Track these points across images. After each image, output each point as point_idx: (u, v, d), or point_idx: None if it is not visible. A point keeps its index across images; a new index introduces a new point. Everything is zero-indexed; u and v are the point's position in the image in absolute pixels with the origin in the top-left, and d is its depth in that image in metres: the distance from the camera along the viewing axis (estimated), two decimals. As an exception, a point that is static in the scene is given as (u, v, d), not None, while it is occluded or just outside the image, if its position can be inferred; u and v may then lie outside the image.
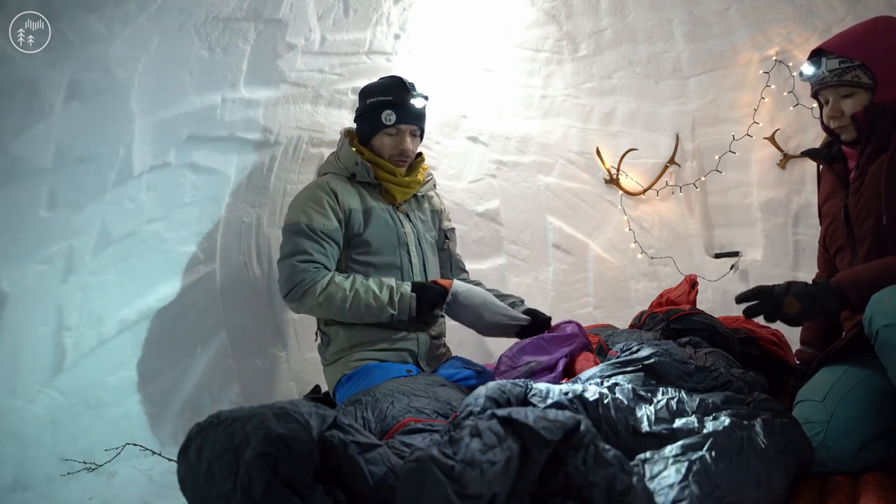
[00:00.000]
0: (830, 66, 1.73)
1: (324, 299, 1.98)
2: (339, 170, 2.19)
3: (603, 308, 3.43)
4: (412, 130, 2.19)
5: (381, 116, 2.13)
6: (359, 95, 2.25)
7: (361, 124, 2.22)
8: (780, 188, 3.33)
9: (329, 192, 2.09)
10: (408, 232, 2.19)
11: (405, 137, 2.17)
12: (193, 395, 2.32)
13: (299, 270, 2.00)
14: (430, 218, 2.32)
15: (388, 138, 2.16)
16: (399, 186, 2.20)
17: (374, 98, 2.16)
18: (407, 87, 2.16)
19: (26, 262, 1.93)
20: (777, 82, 3.27)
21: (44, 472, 1.94)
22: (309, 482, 1.05)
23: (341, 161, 2.19)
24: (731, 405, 1.43)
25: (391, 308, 2.00)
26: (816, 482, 1.38)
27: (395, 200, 2.21)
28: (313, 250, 2.02)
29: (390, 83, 2.19)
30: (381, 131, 2.16)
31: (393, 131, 2.15)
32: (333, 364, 2.11)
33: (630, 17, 3.37)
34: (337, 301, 1.98)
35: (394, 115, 2.13)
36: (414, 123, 2.18)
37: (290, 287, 2.01)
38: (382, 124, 2.14)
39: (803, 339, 2.09)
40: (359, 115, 2.23)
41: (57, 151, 1.94)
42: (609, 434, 1.28)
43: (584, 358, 2.05)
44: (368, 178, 2.16)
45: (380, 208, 2.16)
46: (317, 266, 2.02)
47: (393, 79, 2.22)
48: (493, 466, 0.94)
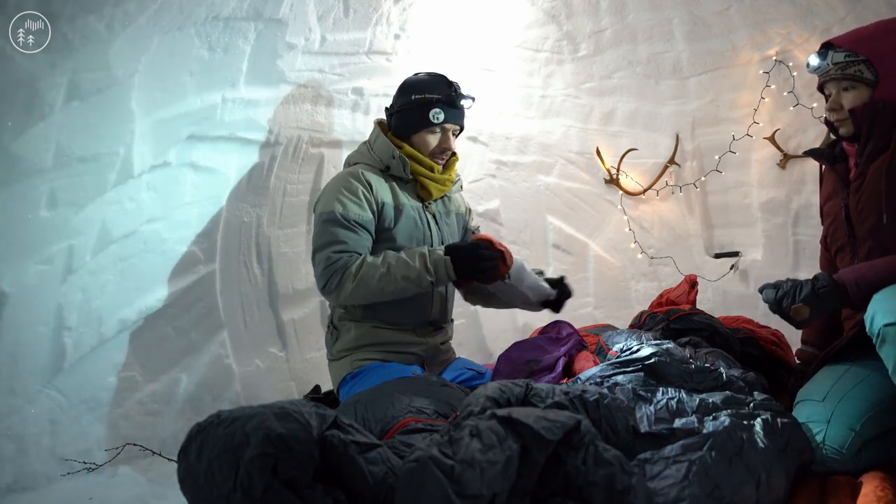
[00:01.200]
0: (836, 59, 1.74)
1: (359, 282, 1.92)
2: (373, 161, 2.14)
3: (603, 308, 3.43)
4: (454, 130, 2.17)
5: (428, 114, 2.09)
6: (400, 90, 2.19)
7: (402, 119, 2.15)
8: (780, 188, 3.33)
9: (364, 183, 2.05)
10: (433, 234, 2.16)
11: (449, 136, 2.14)
12: (193, 395, 2.32)
13: (334, 261, 1.94)
14: (455, 221, 2.28)
15: (433, 136, 2.13)
16: (435, 183, 2.16)
17: (422, 95, 2.11)
18: (454, 86, 2.14)
19: (26, 262, 1.93)
20: (777, 82, 3.27)
21: (44, 472, 1.94)
22: (309, 482, 1.05)
23: (375, 153, 2.14)
24: (731, 405, 1.43)
25: (428, 275, 1.93)
26: (816, 482, 1.38)
27: (430, 196, 2.17)
28: (349, 239, 1.97)
29: (437, 81, 2.15)
30: (425, 129, 2.12)
31: (438, 130, 2.12)
32: (339, 360, 2.09)
33: (630, 17, 3.37)
34: (374, 281, 1.91)
35: (443, 114, 2.09)
36: (459, 123, 2.17)
37: (327, 279, 1.95)
38: (430, 122, 2.10)
39: (803, 338, 2.09)
40: (399, 110, 2.16)
41: (57, 151, 1.94)
42: (609, 434, 1.28)
43: (583, 358, 2.05)
44: (403, 174, 2.12)
45: (410, 206, 2.12)
46: (350, 254, 1.97)
47: (439, 76, 2.18)
48: (493, 466, 0.94)
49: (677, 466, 1.14)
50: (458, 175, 2.32)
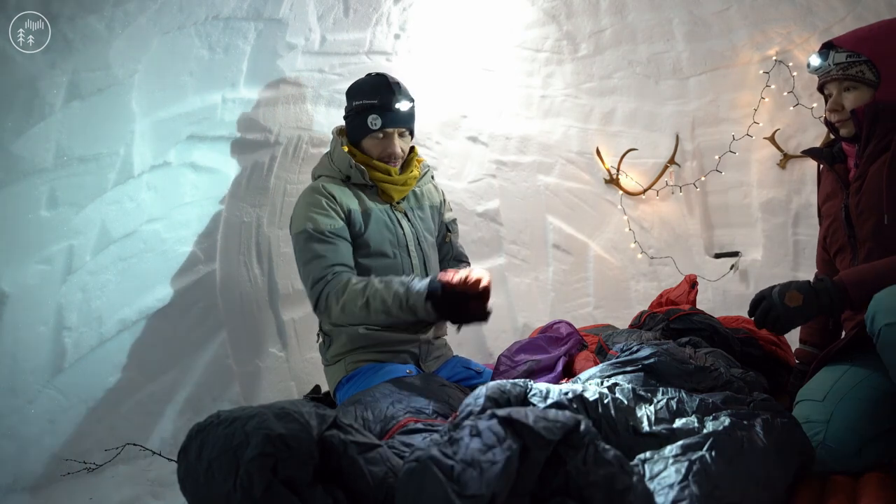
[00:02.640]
0: (837, 59, 1.73)
1: (343, 307, 1.93)
2: (334, 172, 2.14)
3: (603, 308, 3.43)
4: (400, 132, 2.14)
5: (366, 121, 2.08)
6: (346, 95, 2.19)
7: (350, 126, 2.17)
8: (780, 188, 3.33)
9: (326, 195, 2.06)
10: (406, 232, 2.15)
11: (393, 140, 2.11)
12: (193, 395, 2.32)
13: (317, 280, 1.96)
14: (430, 215, 2.27)
15: (376, 141, 2.11)
16: (395, 185, 2.15)
17: (360, 101, 2.11)
18: (392, 89, 2.09)
19: (26, 262, 1.93)
20: (777, 82, 3.27)
21: (44, 472, 1.94)
22: (309, 482, 1.05)
23: (335, 164, 2.15)
24: (731, 405, 1.43)
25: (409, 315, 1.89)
26: (816, 482, 1.38)
27: (393, 200, 2.17)
28: (327, 252, 1.98)
29: (376, 84, 2.12)
30: (368, 135, 2.11)
31: (380, 135, 2.10)
32: (334, 365, 2.10)
33: (630, 17, 3.37)
34: (356, 310, 1.91)
35: (379, 120, 2.07)
36: (401, 126, 2.13)
37: (315, 300, 1.98)
38: (369, 128, 2.09)
39: (803, 338, 2.09)
40: (346, 116, 2.18)
41: (57, 151, 1.94)
42: (609, 434, 1.28)
43: (583, 357, 2.05)
44: (363, 181, 2.12)
45: (378, 209, 2.12)
46: (335, 271, 1.97)
47: (378, 79, 2.14)
48: (492, 466, 0.94)
49: (677, 466, 1.14)
50: (426, 166, 2.31)
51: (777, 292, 1.63)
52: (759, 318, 1.66)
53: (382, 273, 2.06)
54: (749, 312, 1.72)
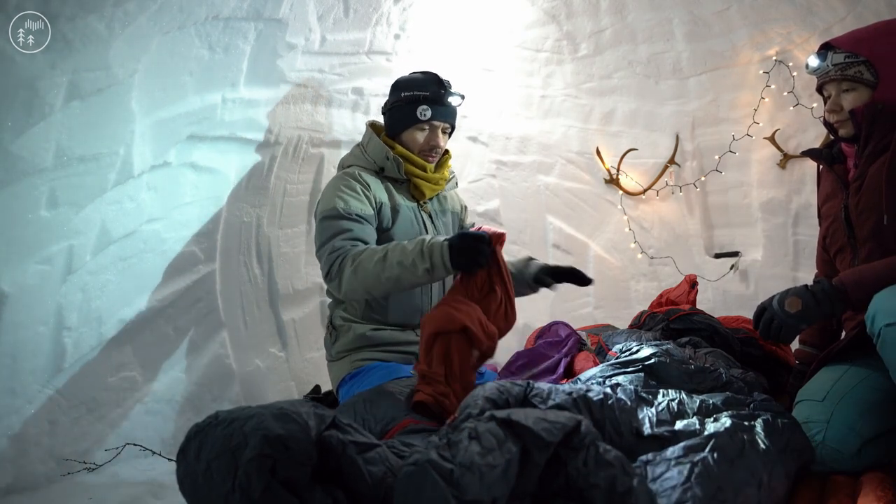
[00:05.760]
0: (836, 60, 1.73)
1: (357, 265, 1.86)
2: (367, 163, 2.14)
3: (603, 308, 3.43)
4: (444, 128, 2.16)
5: (416, 111, 2.09)
6: (392, 88, 2.20)
7: (392, 116, 2.17)
8: (780, 188, 3.33)
9: (363, 182, 2.05)
10: (430, 233, 2.15)
11: (438, 133, 2.14)
12: (193, 395, 2.32)
13: (337, 248, 1.92)
14: (452, 220, 2.28)
15: (421, 133, 2.13)
16: (428, 182, 2.16)
17: (410, 92, 2.12)
18: (444, 84, 2.13)
19: (26, 262, 1.93)
20: (777, 82, 3.26)
21: (44, 472, 1.94)
22: (308, 482, 1.05)
23: (369, 154, 2.14)
24: (732, 406, 1.43)
25: (422, 260, 1.79)
26: (816, 482, 1.38)
27: (424, 197, 2.17)
28: (353, 228, 1.96)
29: (427, 78, 2.16)
30: (413, 126, 2.12)
31: (426, 127, 2.12)
32: (338, 361, 2.09)
33: (630, 17, 3.37)
34: (371, 265, 1.83)
35: (430, 111, 2.09)
36: (448, 121, 2.16)
37: (329, 265, 1.91)
38: (417, 119, 2.10)
39: (803, 338, 2.09)
40: (390, 108, 2.18)
41: (57, 151, 1.94)
42: (613, 435, 1.27)
43: (583, 357, 2.05)
44: (398, 174, 2.12)
45: (406, 206, 2.12)
46: (355, 244, 1.94)
47: (429, 74, 2.18)
48: (492, 470, 0.93)
49: (679, 468, 1.13)
50: (453, 173, 2.32)
51: (776, 301, 1.63)
52: (763, 330, 1.65)
53: None
54: (753, 326, 1.72)
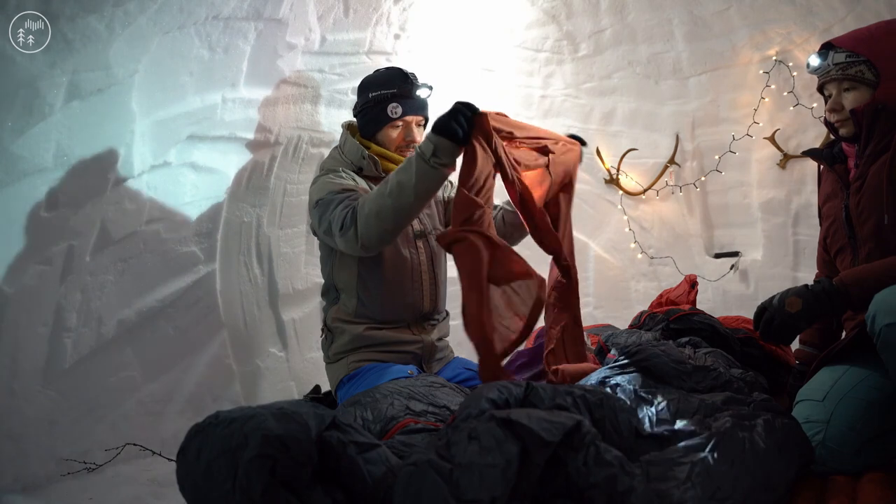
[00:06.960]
0: (836, 59, 1.73)
1: (369, 207, 1.82)
2: (346, 165, 2.13)
3: (603, 308, 3.43)
4: (417, 121, 2.14)
5: (386, 110, 2.08)
6: (359, 90, 2.18)
7: (365, 119, 2.15)
8: (780, 188, 3.33)
9: (346, 176, 2.05)
10: (415, 227, 2.14)
11: (412, 128, 2.12)
12: (193, 395, 2.32)
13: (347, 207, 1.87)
14: (436, 210, 2.26)
15: (395, 130, 2.11)
16: None
17: (378, 91, 2.10)
18: (410, 78, 2.11)
19: (26, 262, 1.93)
20: (777, 82, 3.26)
21: (44, 472, 1.94)
22: (308, 482, 1.05)
23: (346, 156, 2.13)
24: (732, 406, 1.43)
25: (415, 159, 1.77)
26: (816, 482, 1.38)
27: None
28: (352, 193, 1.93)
29: (392, 74, 2.13)
30: (387, 125, 2.10)
31: (399, 124, 2.10)
32: (336, 363, 2.09)
33: (630, 17, 3.37)
34: (375, 199, 1.81)
35: (400, 108, 2.08)
36: (420, 114, 2.14)
37: (342, 220, 1.86)
38: (389, 118, 2.08)
39: (803, 338, 2.08)
40: (360, 110, 2.16)
41: (57, 151, 1.94)
42: (612, 435, 1.27)
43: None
44: (376, 172, 2.11)
45: None
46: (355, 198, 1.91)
47: (393, 70, 2.16)
48: (492, 470, 0.93)
49: (679, 468, 1.13)
50: None
51: (777, 301, 1.63)
52: (763, 331, 1.65)
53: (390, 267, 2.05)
54: (753, 326, 1.72)
